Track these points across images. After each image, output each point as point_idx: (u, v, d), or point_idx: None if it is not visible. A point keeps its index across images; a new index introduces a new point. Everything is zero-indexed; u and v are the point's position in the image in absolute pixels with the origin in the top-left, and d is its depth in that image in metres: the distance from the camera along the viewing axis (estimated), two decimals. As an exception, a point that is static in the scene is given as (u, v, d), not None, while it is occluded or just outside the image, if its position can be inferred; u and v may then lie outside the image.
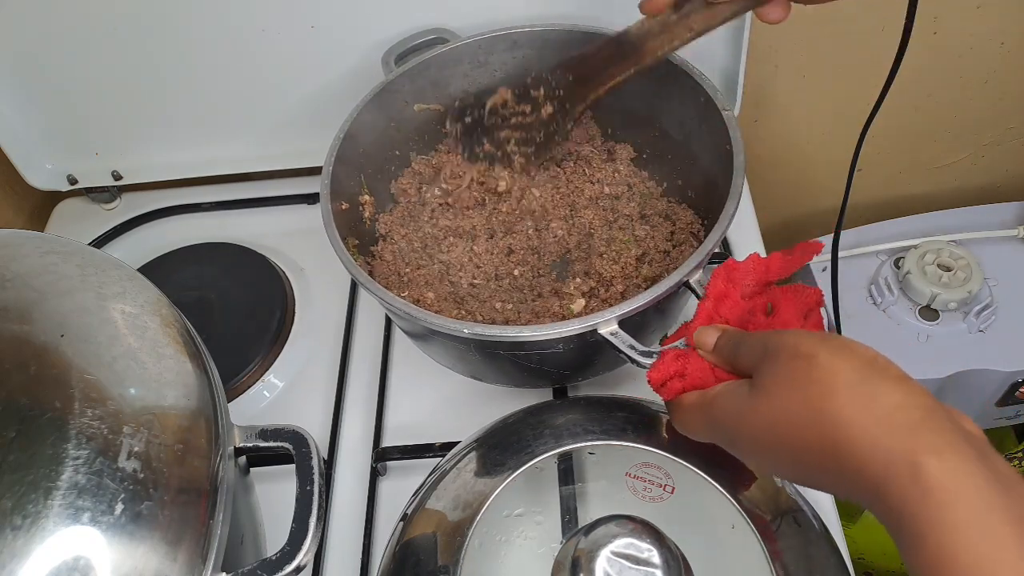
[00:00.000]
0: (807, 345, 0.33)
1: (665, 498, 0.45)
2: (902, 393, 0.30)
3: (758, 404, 0.34)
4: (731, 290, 0.43)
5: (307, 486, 0.39)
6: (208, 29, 0.66)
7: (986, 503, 0.27)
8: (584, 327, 0.45)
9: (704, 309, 0.42)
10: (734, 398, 0.36)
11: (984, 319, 0.75)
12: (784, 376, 0.33)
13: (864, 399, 0.30)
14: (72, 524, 0.31)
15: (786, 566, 0.41)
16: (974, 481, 0.27)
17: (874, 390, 0.31)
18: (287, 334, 0.67)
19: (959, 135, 0.89)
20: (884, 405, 0.30)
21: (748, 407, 0.35)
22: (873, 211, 0.96)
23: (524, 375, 0.54)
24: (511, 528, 0.45)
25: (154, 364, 0.37)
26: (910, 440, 0.28)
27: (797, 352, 0.33)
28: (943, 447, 0.28)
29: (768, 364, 0.35)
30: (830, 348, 0.32)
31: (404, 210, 0.64)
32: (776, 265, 0.44)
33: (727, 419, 0.36)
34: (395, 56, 0.64)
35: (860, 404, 0.30)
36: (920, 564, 0.27)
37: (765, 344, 0.36)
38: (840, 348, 0.32)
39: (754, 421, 0.35)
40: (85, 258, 0.41)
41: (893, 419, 0.29)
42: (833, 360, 0.32)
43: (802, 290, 0.43)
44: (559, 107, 0.56)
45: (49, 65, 0.68)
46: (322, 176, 0.55)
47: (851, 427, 0.30)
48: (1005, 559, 0.26)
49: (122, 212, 0.79)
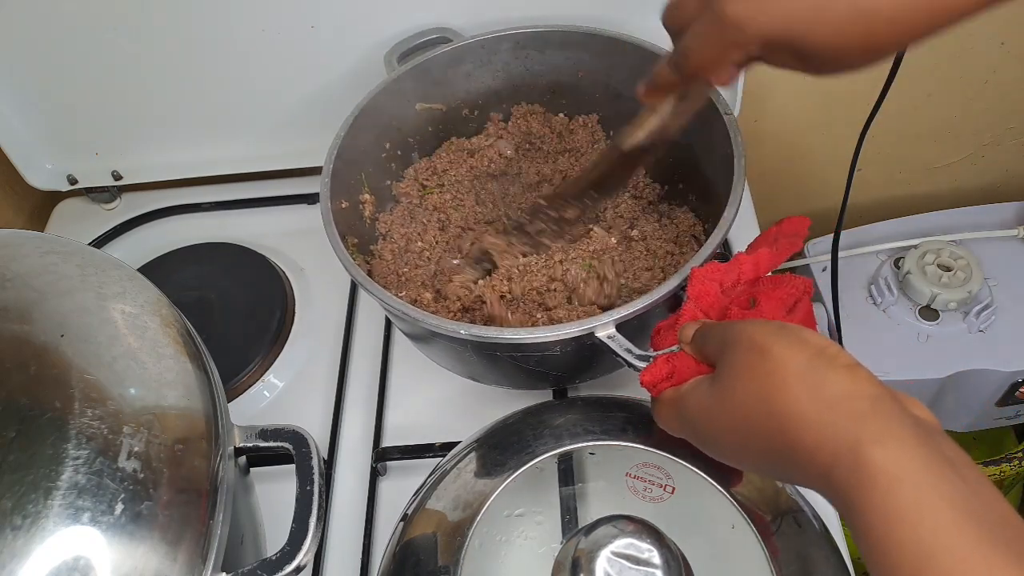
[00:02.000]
0: (761, 336, 0.33)
1: (665, 498, 0.45)
2: (849, 382, 0.30)
3: (717, 397, 0.35)
4: (710, 287, 0.43)
5: (307, 486, 0.39)
6: (209, 29, 0.66)
7: (929, 488, 0.27)
8: (581, 330, 0.45)
9: (688, 309, 0.43)
10: (698, 393, 0.37)
11: (984, 319, 0.75)
12: (739, 368, 0.34)
13: (812, 390, 0.31)
14: (72, 524, 0.31)
15: (786, 566, 0.41)
16: (917, 467, 0.27)
17: (822, 380, 0.31)
18: (287, 334, 0.67)
19: (959, 135, 0.89)
20: (831, 395, 0.30)
21: (709, 401, 0.36)
22: (873, 211, 0.96)
23: (522, 377, 0.54)
24: (511, 528, 0.45)
25: (154, 364, 0.37)
26: (855, 429, 0.29)
27: (752, 344, 0.34)
28: (886, 435, 0.28)
29: (726, 356, 0.35)
30: (782, 339, 0.33)
31: (404, 210, 0.64)
32: (764, 260, 0.44)
33: (693, 414, 0.37)
34: (398, 55, 0.64)
35: (808, 395, 0.31)
36: (869, 551, 0.27)
37: (724, 335, 0.36)
38: (792, 339, 0.33)
39: (715, 414, 0.35)
40: (85, 258, 0.41)
41: (839, 409, 0.30)
42: (784, 351, 0.32)
43: (787, 281, 0.43)
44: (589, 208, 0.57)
45: (49, 65, 0.68)
46: (322, 175, 0.55)
47: (801, 418, 0.31)
48: (945, 544, 0.25)
49: (122, 212, 0.79)
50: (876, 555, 0.27)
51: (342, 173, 0.57)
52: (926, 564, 0.25)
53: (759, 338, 0.33)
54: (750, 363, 0.33)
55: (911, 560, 0.26)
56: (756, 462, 0.34)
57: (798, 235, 0.46)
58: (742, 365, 0.34)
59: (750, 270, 0.43)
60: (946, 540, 0.26)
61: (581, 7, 0.65)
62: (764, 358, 0.33)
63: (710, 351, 0.38)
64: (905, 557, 0.26)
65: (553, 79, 0.65)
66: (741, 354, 0.34)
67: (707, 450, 0.37)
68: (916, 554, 0.26)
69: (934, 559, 0.25)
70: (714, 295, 0.43)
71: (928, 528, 0.26)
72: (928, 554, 0.25)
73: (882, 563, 0.27)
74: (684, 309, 0.43)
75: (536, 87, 0.66)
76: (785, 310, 0.41)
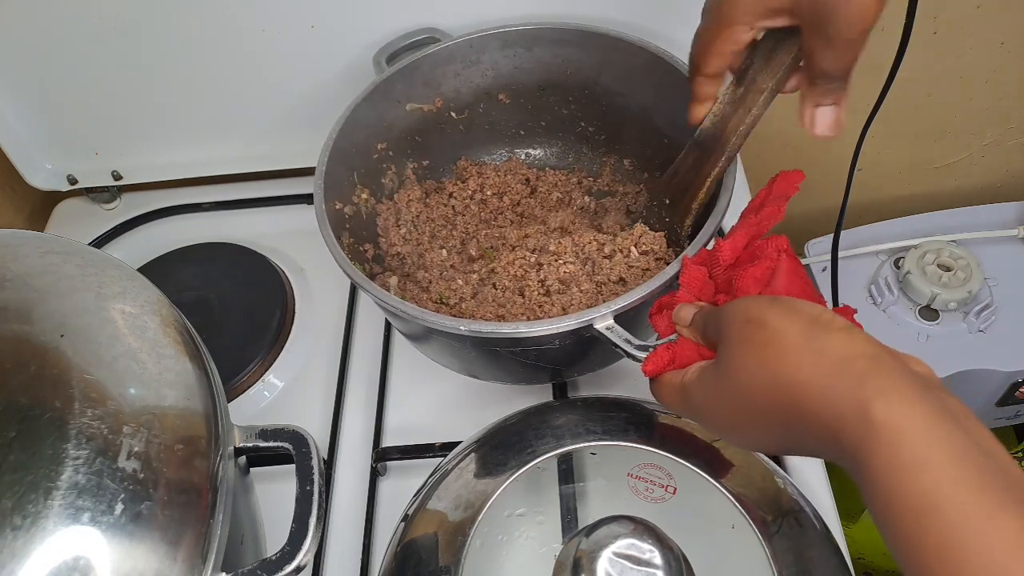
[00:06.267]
0: (756, 310, 0.34)
1: (667, 498, 0.45)
2: (848, 344, 0.31)
3: (721, 378, 0.36)
4: (698, 272, 0.44)
5: (307, 486, 0.39)
6: (208, 29, 0.66)
7: (932, 439, 0.27)
8: (579, 323, 0.45)
9: (681, 296, 0.43)
10: (702, 380, 0.37)
11: (984, 319, 0.75)
12: (738, 344, 0.34)
13: (813, 355, 0.31)
14: (72, 524, 0.31)
15: (786, 566, 0.41)
16: (919, 420, 0.28)
17: (821, 345, 0.31)
18: (287, 334, 0.67)
19: (959, 135, 0.89)
20: (832, 358, 0.31)
21: (714, 385, 0.36)
22: (873, 211, 0.96)
23: (521, 371, 0.54)
24: (512, 528, 0.45)
25: (154, 364, 0.37)
26: (858, 387, 0.29)
27: (747, 318, 0.34)
28: (889, 390, 0.29)
29: (724, 335, 0.36)
30: (777, 311, 0.34)
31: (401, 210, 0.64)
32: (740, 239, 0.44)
33: (700, 401, 0.37)
34: (387, 56, 0.64)
35: (810, 360, 0.31)
36: (875, 503, 0.28)
37: (719, 318, 0.37)
38: (785, 309, 0.34)
39: (722, 396, 0.36)
40: (85, 258, 0.41)
41: (841, 370, 0.30)
42: (780, 322, 0.33)
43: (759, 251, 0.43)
44: (671, 230, 0.56)
45: (49, 65, 0.68)
46: (315, 176, 0.55)
47: (804, 384, 0.31)
48: (947, 492, 0.26)
49: (122, 212, 0.79)
50: (881, 507, 0.28)
51: (335, 175, 0.57)
52: (929, 512, 0.26)
53: (754, 312, 0.34)
54: (748, 336, 0.34)
55: (914, 509, 0.27)
56: (767, 438, 0.35)
57: (786, 196, 0.45)
58: (740, 340, 0.34)
59: (728, 254, 0.44)
60: (948, 489, 0.26)
61: (567, 5, 0.65)
62: (761, 330, 0.33)
63: (710, 335, 0.38)
64: (908, 506, 0.27)
65: (542, 77, 0.65)
66: (737, 329, 0.35)
67: (721, 435, 0.38)
68: (919, 503, 0.26)
69: (936, 508, 0.26)
70: (702, 280, 0.44)
71: (931, 478, 0.26)
72: (931, 503, 0.26)
73: (887, 514, 0.27)
74: (678, 296, 0.43)
75: (525, 85, 0.66)
76: (762, 285, 0.41)
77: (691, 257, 0.45)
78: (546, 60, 0.63)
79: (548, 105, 0.67)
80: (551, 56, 0.63)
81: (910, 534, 0.27)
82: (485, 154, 0.70)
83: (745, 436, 0.36)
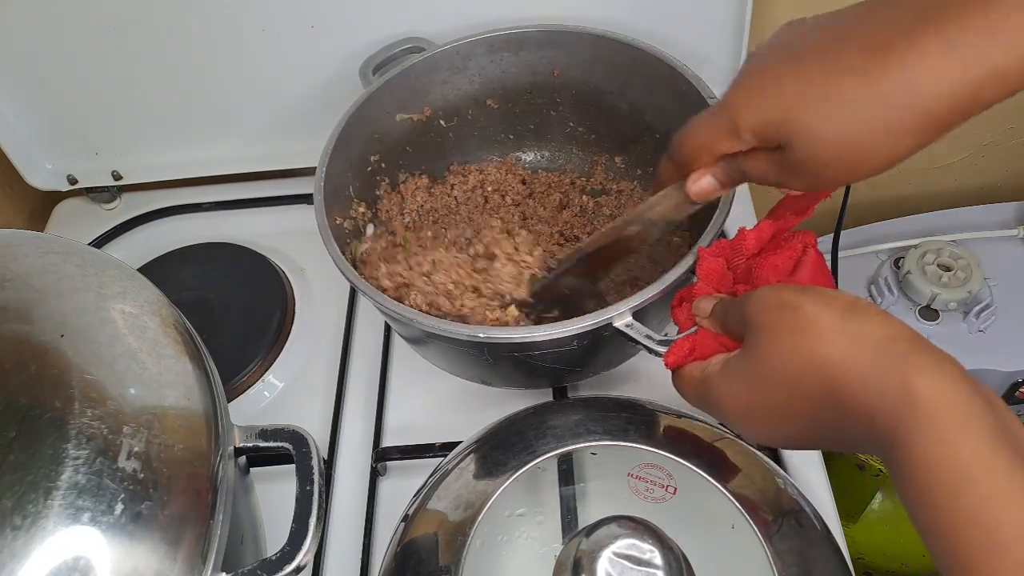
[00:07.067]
0: (789, 296, 0.34)
1: (667, 499, 0.45)
2: (887, 328, 0.32)
3: (750, 366, 0.36)
4: (716, 263, 0.44)
5: (307, 486, 0.39)
6: (207, 29, 0.66)
7: (972, 415, 0.28)
8: (598, 322, 0.45)
9: (699, 289, 0.43)
10: (727, 372, 0.37)
11: (984, 319, 0.75)
12: (772, 329, 0.34)
13: (852, 338, 0.32)
14: (72, 524, 0.31)
15: (787, 566, 0.41)
16: (960, 397, 0.29)
17: (860, 328, 0.32)
18: (287, 334, 0.67)
19: (959, 135, 0.88)
20: (872, 340, 0.31)
21: (741, 375, 0.36)
22: (873, 211, 0.96)
23: (522, 376, 0.54)
24: (513, 528, 0.45)
25: (154, 364, 0.37)
26: (901, 365, 0.30)
27: (781, 303, 0.34)
28: (932, 367, 0.30)
29: (754, 322, 0.36)
30: (812, 297, 0.34)
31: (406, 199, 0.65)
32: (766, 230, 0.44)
33: (724, 395, 0.37)
34: (372, 67, 0.63)
35: (849, 343, 0.32)
36: (907, 478, 0.29)
37: (746, 305, 0.37)
38: (821, 295, 0.34)
39: (750, 385, 0.36)
40: (85, 258, 0.41)
41: (883, 349, 0.31)
42: (816, 307, 0.33)
43: (785, 242, 0.42)
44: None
45: (49, 65, 0.68)
46: (315, 191, 0.55)
47: (843, 365, 0.32)
48: (984, 465, 0.27)
49: (122, 212, 0.79)
50: (916, 480, 0.28)
51: (333, 190, 0.57)
52: (964, 484, 0.27)
53: (788, 297, 0.34)
54: (782, 322, 0.34)
55: (949, 481, 0.27)
56: (792, 427, 0.35)
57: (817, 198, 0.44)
58: (773, 325, 0.34)
59: (753, 244, 0.43)
60: (986, 462, 0.27)
61: (550, 7, 0.64)
62: (796, 314, 0.33)
63: (733, 324, 0.38)
64: (944, 479, 0.27)
65: (530, 79, 0.65)
66: (770, 315, 0.35)
67: (743, 428, 0.38)
68: (956, 474, 0.27)
69: (973, 478, 0.27)
70: (721, 271, 0.43)
71: (970, 451, 0.27)
72: (966, 475, 0.27)
73: (922, 487, 0.28)
74: (696, 289, 0.43)
75: (512, 89, 0.66)
76: (785, 275, 0.41)
77: (707, 248, 0.45)
78: (533, 63, 0.64)
79: (537, 108, 0.67)
80: (538, 58, 0.63)
81: (944, 505, 0.27)
82: (475, 161, 0.70)
83: (768, 427, 0.36)
